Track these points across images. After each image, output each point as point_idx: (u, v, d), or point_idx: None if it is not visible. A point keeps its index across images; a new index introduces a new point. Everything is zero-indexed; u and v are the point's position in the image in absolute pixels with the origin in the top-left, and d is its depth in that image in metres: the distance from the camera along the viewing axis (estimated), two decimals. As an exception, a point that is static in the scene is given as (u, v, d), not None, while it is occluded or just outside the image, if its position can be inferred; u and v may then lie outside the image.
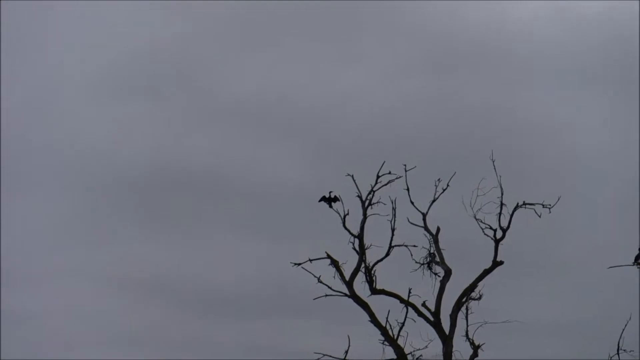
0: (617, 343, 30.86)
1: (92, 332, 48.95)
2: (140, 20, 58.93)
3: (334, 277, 30.94)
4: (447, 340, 30.48)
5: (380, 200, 31.37)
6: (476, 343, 30.47)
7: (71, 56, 58.42)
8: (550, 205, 30.88)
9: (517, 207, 30.96)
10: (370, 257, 31.17)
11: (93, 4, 58.34)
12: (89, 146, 57.10)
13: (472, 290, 30.97)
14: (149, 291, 51.73)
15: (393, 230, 31.14)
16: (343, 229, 31.37)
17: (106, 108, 58.85)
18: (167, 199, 55.91)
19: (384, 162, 31.13)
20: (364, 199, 31.33)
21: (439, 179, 31.15)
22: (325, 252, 31.05)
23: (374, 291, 30.97)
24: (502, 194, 30.88)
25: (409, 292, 30.86)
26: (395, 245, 31.24)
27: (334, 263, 30.99)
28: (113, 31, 59.39)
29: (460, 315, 30.77)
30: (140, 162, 56.76)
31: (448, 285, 31.14)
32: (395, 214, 31.21)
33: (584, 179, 49.34)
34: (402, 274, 31.56)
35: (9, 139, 54.81)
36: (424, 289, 31.13)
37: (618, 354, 30.80)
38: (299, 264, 30.92)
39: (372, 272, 31.10)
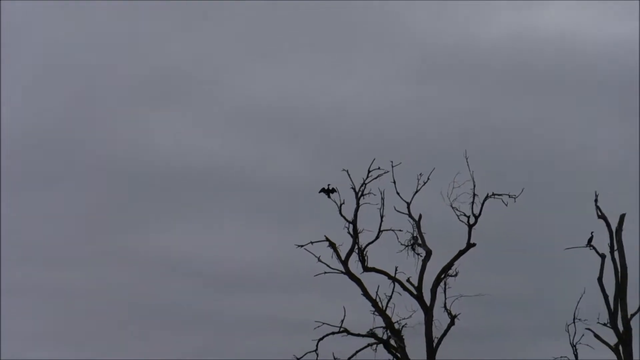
0: (573, 313, 32.69)
1: (127, 306, 50.28)
2: (164, 39, 59.88)
3: (332, 257, 32.47)
4: (428, 311, 32.02)
5: (371, 192, 32.67)
6: (453, 313, 32.00)
7: (105, 70, 59.45)
8: (515, 195, 32.36)
9: (487, 197, 32.32)
10: (363, 240, 32.62)
11: (114, 22, 59.14)
12: (124, 146, 57.96)
13: (450, 268, 32.37)
14: (175, 270, 52.56)
15: (382, 217, 32.57)
16: (339, 216, 32.86)
17: (135, 114, 59.27)
18: (190, 192, 56.57)
19: (374, 159, 32.56)
20: (357, 190, 32.61)
21: (420, 174, 32.54)
22: (325, 236, 32.53)
23: (366, 269, 32.37)
24: (474, 186, 32.28)
25: (396, 270, 32.36)
26: (384, 230, 32.65)
27: (332, 245, 32.43)
28: (140, 49, 60.13)
29: (439, 290, 32.19)
30: (168, 161, 57.60)
31: (429, 264, 32.54)
32: (383, 203, 32.55)
33: (545, 172, 49.77)
34: (390, 254, 32.93)
35: (54, 139, 56.67)
36: (409, 267, 32.59)
37: (574, 322, 32.69)
38: (302, 246, 32.31)
39: (364, 252, 32.41)
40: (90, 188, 55.51)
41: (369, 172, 32.73)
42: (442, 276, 32.46)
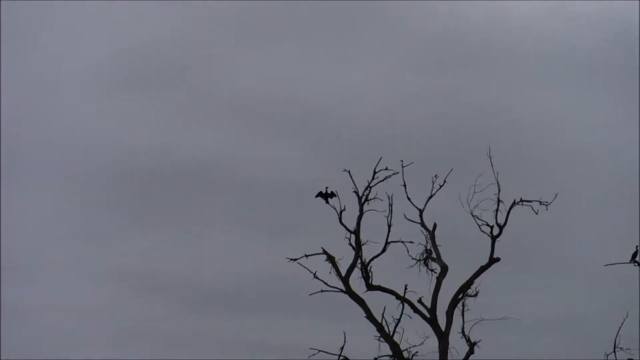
0: (613, 341, 31.15)
1: (92, 327, 49.69)
2: (141, 18, 59.77)
3: (330, 273, 31.16)
4: (443, 337, 30.64)
5: (377, 196, 31.45)
6: (472, 340, 30.66)
7: (69, 53, 59.31)
8: (547, 202, 31.06)
9: (514, 204, 31.05)
10: (367, 253, 31.33)
11: (92, 2, 59.58)
12: (87, 142, 57.80)
13: (469, 287, 31.12)
14: (147, 286, 52.50)
15: (389, 226, 31.30)
16: (339, 224, 31.62)
17: (105, 104, 59.29)
18: (166, 194, 56.85)
19: (381, 157, 31.31)
20: (360, 194, 31.46)
21: (435, 175, 31.28)
22: (322, 248, 31.23)
23: (370, 287, 31.13)
24: (499, 191, 30.98)
25: (405, 289, 31.06)
26: (392, 242, 31.38)
27: (330, 259, 31.17)
28: (112, 28, 60.30)
29: (457, 312, 30.93)
30: (140, 158, 57.51)
31: (444, 282, 31.27)
32: (391, 210, 31.29)
33: (582, 176, 49.98)
34: (399, 270, 31.64)
35: (8, 135, 55.55)
36: (420, 286, 31.26)
37: (614, 352, 31.12)
38: (295, 260, 31.11)
39: (368, 268, 31.23)
40: (58, 190, 55.83)
41: (374, 172, 31.59)
42: (460, 296, 31.29)
